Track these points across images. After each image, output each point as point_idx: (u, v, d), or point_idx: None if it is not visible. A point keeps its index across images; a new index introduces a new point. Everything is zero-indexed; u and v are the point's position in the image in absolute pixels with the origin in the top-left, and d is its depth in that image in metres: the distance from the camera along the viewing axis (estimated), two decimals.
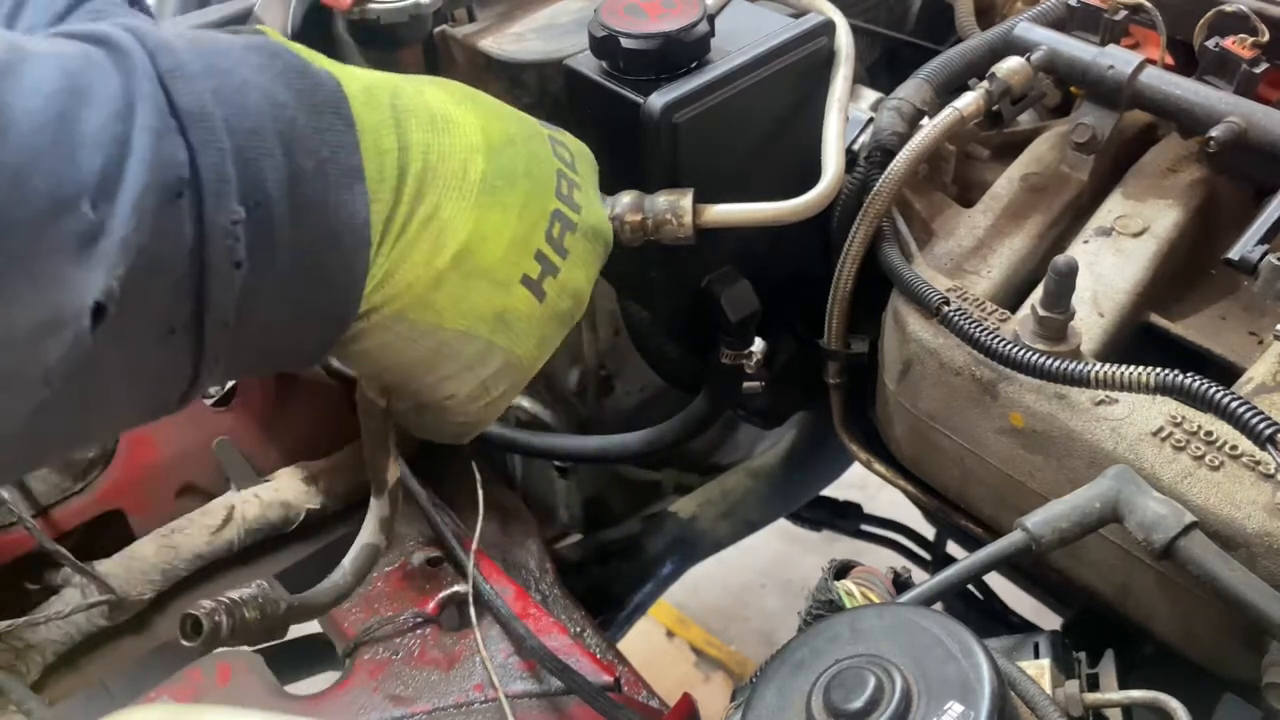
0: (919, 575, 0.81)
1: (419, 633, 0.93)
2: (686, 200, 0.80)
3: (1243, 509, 0.70)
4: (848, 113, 0.88)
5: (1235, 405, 0.66)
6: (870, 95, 1.01)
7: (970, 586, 1.30)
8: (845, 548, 1.33)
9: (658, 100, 0.77)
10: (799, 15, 0.88)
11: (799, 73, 0.86)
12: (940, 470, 0.92)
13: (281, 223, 0.46)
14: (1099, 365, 0.72)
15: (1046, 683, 0.65)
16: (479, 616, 0.92)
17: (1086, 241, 0.89)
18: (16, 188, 0.37)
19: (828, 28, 0.86)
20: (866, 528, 1.61)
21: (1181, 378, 0.69)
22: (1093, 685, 0.69)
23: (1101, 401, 0.77)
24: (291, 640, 1.17)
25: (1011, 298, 0.89)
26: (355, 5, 0.95)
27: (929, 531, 1.49)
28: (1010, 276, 0.90)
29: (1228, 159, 0.87)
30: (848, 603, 0.75)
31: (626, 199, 0.81)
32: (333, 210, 0.49)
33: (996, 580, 1.25)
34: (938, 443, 0.88)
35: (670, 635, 2.32)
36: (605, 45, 0.79)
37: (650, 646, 2.27)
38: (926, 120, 0.92)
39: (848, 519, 1.62)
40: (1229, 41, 0.90)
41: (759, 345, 0.94)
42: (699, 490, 1.45)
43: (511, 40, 1.04)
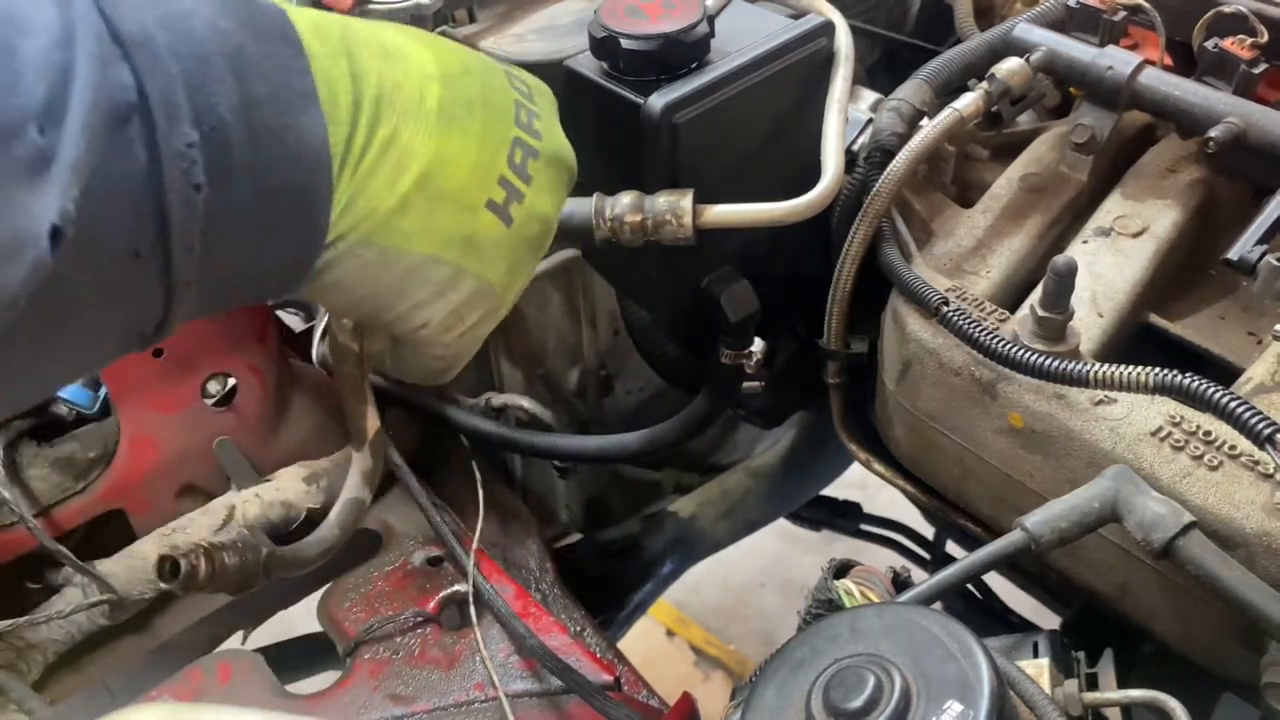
0: (918, 575, 0.81)
1: (419, 632, 0.93)
2: (686, 201, 0.80)
3: (1241, 509, 0.70)
4: (847, 113, 0.88)
5: (1234, 405, 0.66)
6: (870, 96, 1.01)
7: (969, 586, 1.30)
8: (845, 547, 1.33)
9: (658, 101, 0.78)
10: (799, 16, 0.88)
11: (799, 74, 0.86)
12: (940, 470, 0.92)
13: (240, 145, 0.47)
14: (1098, 365, 0.72)
15: (1045, 682, 0.65)
16: (479, 616, 0.92)
17: (1086, 242, 0.89)
18: None
19: (827, 29, 0.86)
20: (866, 527, 1.61)
21: (1180, 378, 0.69)
22: (1092, 685, 0.69)
23: (1100, 401, 0.77)
24: (292, 640, 1.18)
25: (1011, 298, 0.89)
26: (355, 6, 0.95)
27: (928, 531, 1.49)
28: (1009, 277, 0.90)
29: (1227, 159, 0.87)
30: (847, 602, 0.75)
31: (626, 199, 0.81)
32: (290, 133, 0.49)
33: (996, 580, 1.25)
34: (937, 442, 0.88)
35: (670, 635, 2.33)
36: (605, 46, 0.79)
37: (650, 646, 2.27)
38: (926, 121, 0.92)
39: (847, 519, 1.62)
40: (1228, 42, 0.90)
41: (759, 345, 0.94)
42: (699, 490, 1.46)
43: (511, 41, 1.04)
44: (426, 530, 1.01)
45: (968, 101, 0.89)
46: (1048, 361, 0.74)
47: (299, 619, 1.09)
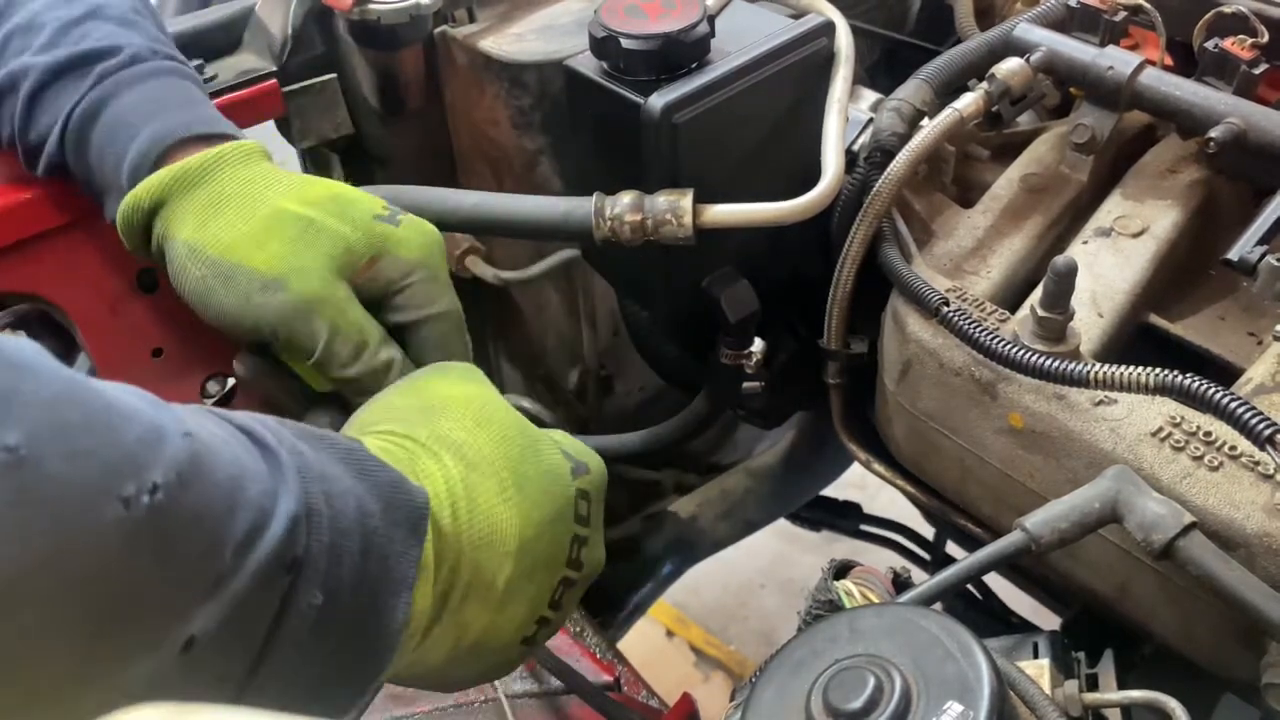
0: (919, 575, 0.81)
1: None
2: (686, 201, 0.80)
3: (1242, 509, 0.70)
4: (847, 113, 0.88)
5: (1234, 406, 0.66)
6: (870, 96, 1.01)
7: (970, 586, 1.30)
8: (845, 548, 1.33)
9: (658, 101, 0.78)
10: (799, 16, 0.88)
11: (799, 74, 0.86)
12: (940, 470, 0.92)
13: (342, 614, 0.52)
14: (1098, 366, 0.72)
15: (1046, 683, 0.65)
16: None
17: (1086, 242, 0.89)
18: (193, 527, 0.44)
19: (827, 29, 0.86)
20: (866, 528, 1.61)
21: (1181, 378, 0.69)
22: (1092, 685, 0.69)
23: (1101, 402, 0.77)
24: None
25: (1011, 298, 0.89)
26: (355, 5, 0.95)
27: (928, 531, 1.49)
28: (1010, 277, 0.90)
29: (1227, 159, 0.87)
30: (847, 603, 0.75)
31: (626, 199, 0.81)
32: (378, 613, 0.54)
33: (996, 580, 1.25)
34: (937, 443, 0.88)
35: (670, 635, 2.32)
36: (605, 46, 0.79)
37: (650, 646, 2.27)
38: (926, 121, 0.92)
39: (847, 519, 1.62)
40: (1228, 42, 0.90)
41: (759, 345, 0.94)
42: (699, 490, 1.46)
43: (511, 41, 1.04)
44: None
45: (968, 102, 0.89)
46: (1048, 362, 0.74)
47: None
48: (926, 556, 1.50)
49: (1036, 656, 0.71)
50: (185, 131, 0.74)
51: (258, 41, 1.04)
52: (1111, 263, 0.87)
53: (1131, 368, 0.71)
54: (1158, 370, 0.70)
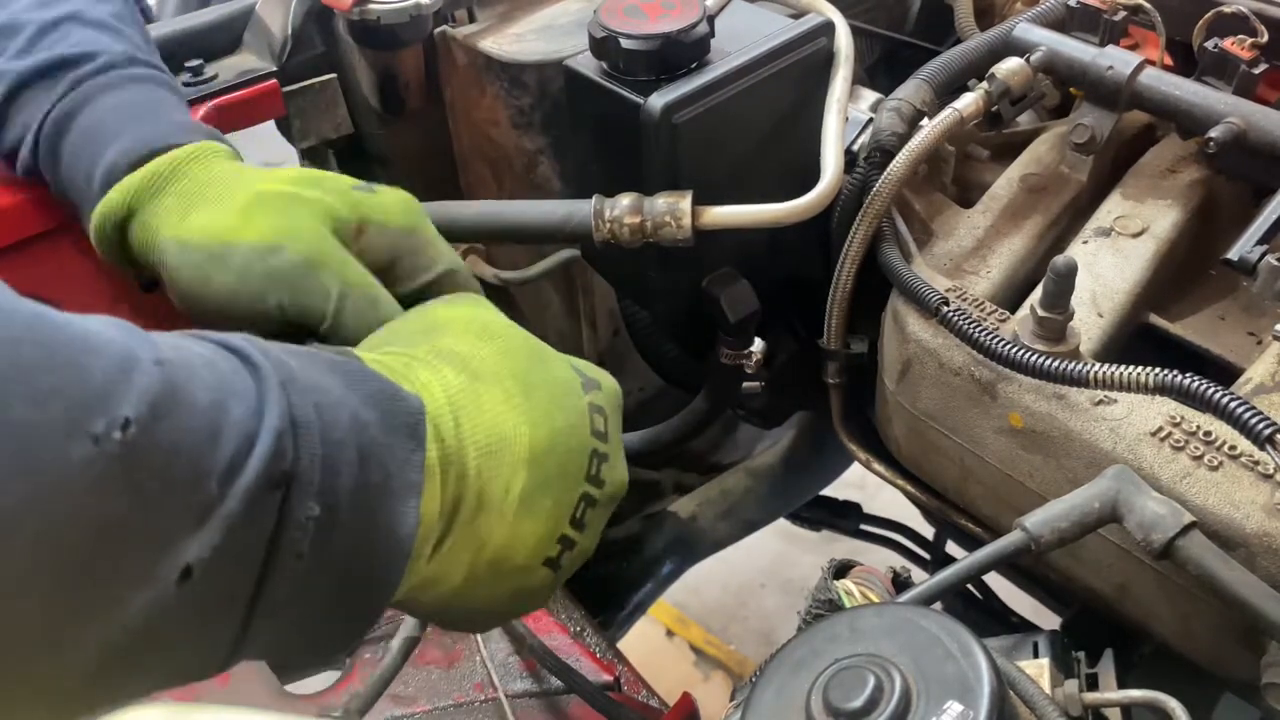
0: (919, 575, 0.81)
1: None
2: (685, 202, 0.80)
3: (1241, 509, 0.70)
4: (847, 113, 0.88)
5: (1234, 405, 0.66)
6: (870, 96, 1.01)
7: (970, 586, 1.30)
8: (845, 548, 1.33)
9: (657, 101, 0.78)
10: (799, 16, 0.88)
11: (798, 73, 0.86)
12: (939, 470, 0.92)
13: (343, 524, 0.51)
14: (1098, 365, 0.72)
15: (1046, 682, 0.65)
16: None
17: (1086, 242, 0.89)
18: (171, 458, 0.43)
19: (827, 28, 0.86)
20: (866, 527, 1.61)
21: (1180, 378, 0.69)
22: (1092, 685, 0.69)
23: (1100, 401, 0.77)
24: None
25: (1011, 298, 0.89)
26: (355, 5, 0.95)
27: (928, 531, 1.49)
28: (1010, 277, 0.90)
29: (1227, 159, 0.87)
30: (847, 602, 0.75)
31: (625, 201, 0.81)
32: (384, 519, 0.53)
33: (996, 580, 1.25)
34: (937, 442, 0.88)
35: (670, 635, 2.32)
36: (605, 46, 0.79)
37: (650, 646, 2.27)
38: (926, 121, 0.92)
39: (847, 519, 1.62)
40: (1228, 42, 0.90)
41: (759, 345, 0.94)
42: (699, 490, 1.45)
43: (511, 41, 1.04)
44: None
45: (968, 101, 0.89)
46: (1048, 362, 0.74)
47: None
48: (926, 556, 1.50)
49: (1036, 656, 0.71)
50: (158, 142, 0.73)
51: (258, 41, 1.04)
52: (1111, 263, 0.87)
53: (1131, 367, 0.71)
54: (1157, 370, 0.70)
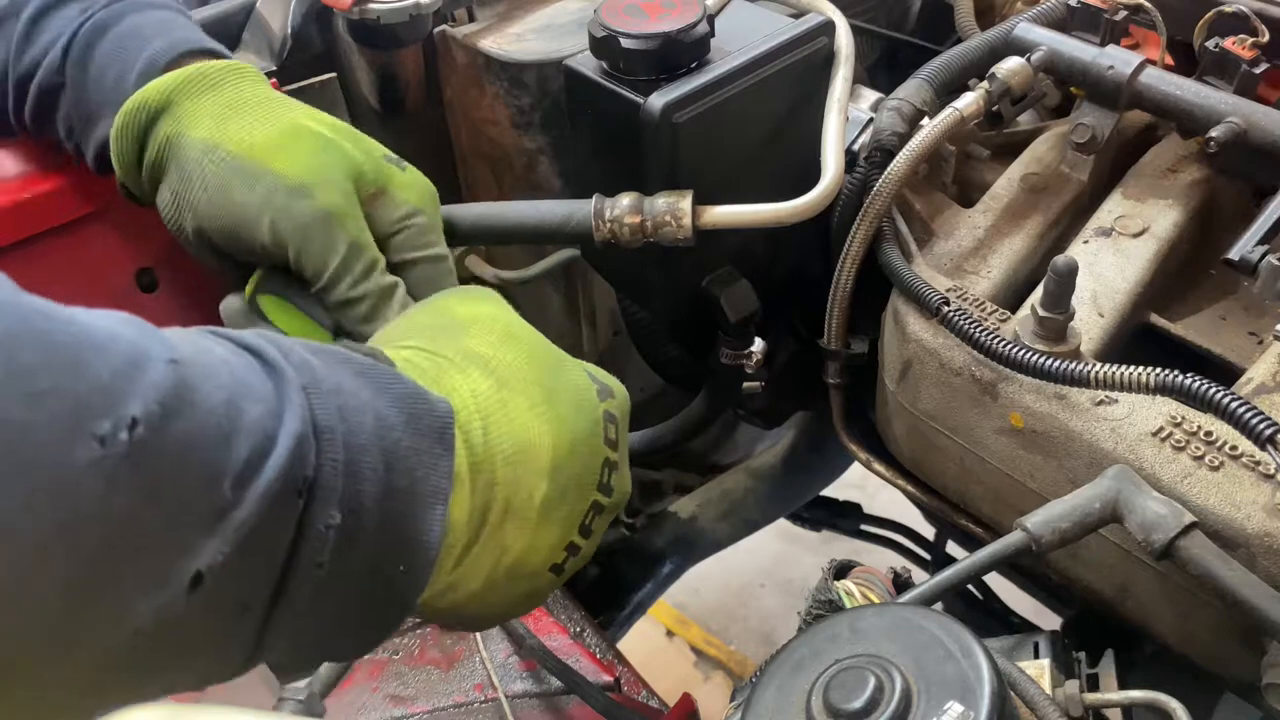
0: (919, 575, 0.81)
1: (418, 632, 0.93)
2: (685, 202, 0.80)
3: (1242, 509, 0.70)
4: (848, 113, 0.88)
5: (1235, 405, 0.66)
6: (870, 95, 1.01)
7: (970, 586, 1.30)
8: (845, 548, 1.33)
9: (658, 100, 0.77)
10: (799, 15, 0.88)
11: (799, 73, 0.86)
12: (940, 470, 0.92)
13: (367, 532, 0.50)
14: (1099, 365, 0.72)
15: (1046, 683, 0.65)
16: None
17: (1086, 242, 0.89)
18: (182, 460, 0.42)
19: (828, 28, 0.86)
20: (866, 528, 1.61)
21: (1181, 378, 0.69)
22: (1092, 685, 0.69)
23: (1101, 402, 0.77)
24: None
25: (1011, 298, 0.89)
26: (355, 5, 0.95)
27: (929, 531, 1.49)
28: (1010, 276, 0.90)
29: (1227, 159, 0.87)
30: (848, 603, 0.75)
31: (625, 201, 0.81)
32: (412, 525, 0.53)
33: (996, 580, 1.25)
34: (937, 443, 0.88)
35: (670, 635, 2.32)
36: (605, 45, 0.79)
37: (650, 646, 2.27)
38: (926, 121, 0.92)
39: (848, 519, 1.62)
40: (1229, 42, 0.90)
41: (759, 345, 0.94)
42: (699, 490, 1.45)
43: (511, 40, 1.04)
44: None
45: (968, 101, 0.89)
46: (1048, 362, 0.74)
47: None
48: (927, 556, 1.50)
49: (1037, 656, 0.71)
50: (198, 44, 0.74)
51: (257, 40, 1.04)
52: (1112, 262, 0.87)
53: (1132, 367, 0.70)
54: (1158, 370, 0.69)
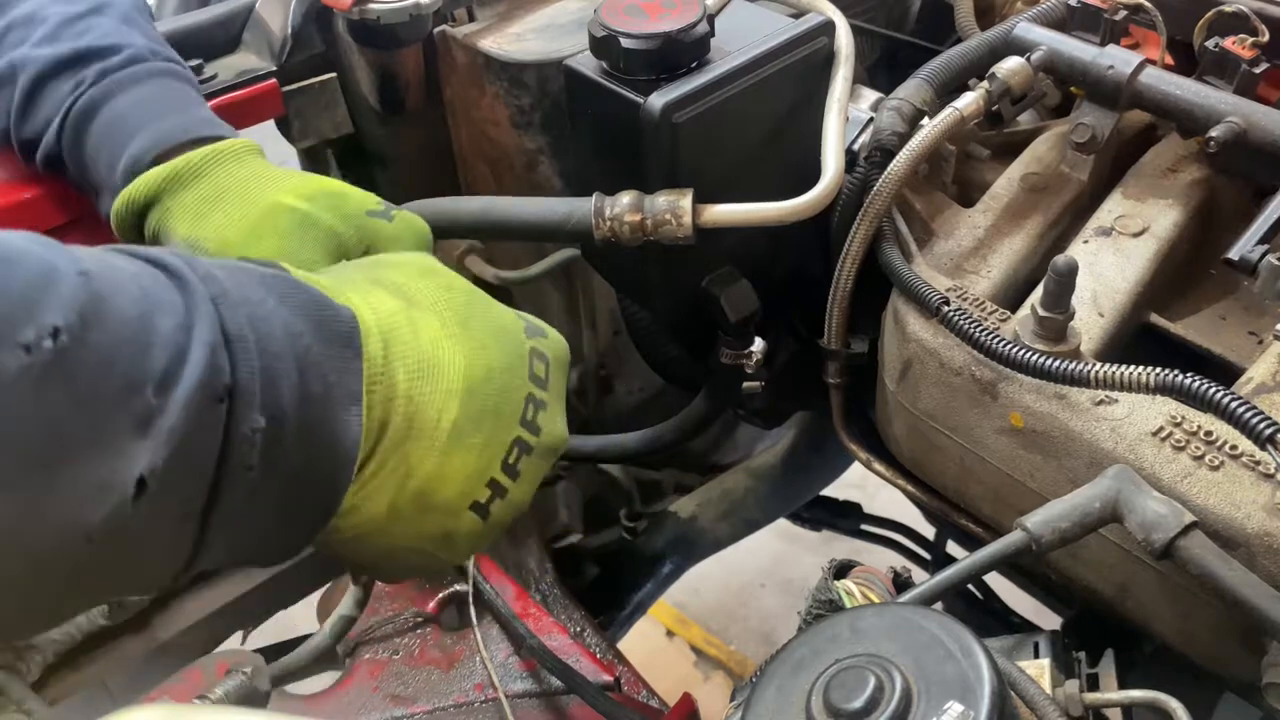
0: (919, 575, 0.81)
1: (419, 632, 0.93)
2: (686, 201, 0.80)
3: (1242, 509, 0.70)
4: (848, 113, 0.88)
5: (1235, 405, 0.66)
6: (870, 95, 1.01)
7: (970, 586, 1.30)
8: (845, 548, 1.33)
9: (658, 100, 0.77)
10: (799, 15, 0.88)
11: (799, 73, 0.86)
12: (940, 470, 0.92)
13: (290, 435, 0.52)
14: (1099, 365, 0.72)
15: (1046, 682, 0.65)
16: (479, 616, 0.92)
17: (1086, 241, 0.89)
18: (105, 366, 0.45)
19: (828, 28, 0.86)
20: (866, 527, 1.61)
21: (1181, 378, 0.69)
22: (1093, 685, 0.69)
23: (1101, 401, 0.77)
24: (292, 640, 1.18)
25: (1011, 298, 0.89)
26: (355, 5, 0.95)
27: (929, 531, 1.49)
28: (1010, 276, 0.90)
29: (1227, 159, 0.87)
30: (848, 602, 0.75)
31: (626, 199, 0.81)
32: (330, 428, 0.55)
33: (996, 580, 1.25)
34: (937, 442, 0.88)
35: (670, 635, 2.32)
36: (605, 45, 0.79)
37: (650, 646, 2.27)
38: (926, 120, 0.92)
39: (848, 519, 1.62)
40: (1229, 41, 0.90)
41: (759, 345, 0.94)
42: (699, 490, 1.46)
43: (511, 40, 1.04)
44: None
45: (968, 101, 0.89)
46: (1049, 361, 0.74)
47: (299, 619, 1.09)
48: (927, 556, 1.50)
49: (1037, 656, 0.71)
50: (182, 135, 0.75)
51: (257, 41, 1.04)
52: (1112, 262, 0.87)
53: (1132, 367, 0.70)
54: (1158, 370, 0.69)
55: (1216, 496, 0.71)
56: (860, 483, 1.61)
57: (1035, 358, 0.75)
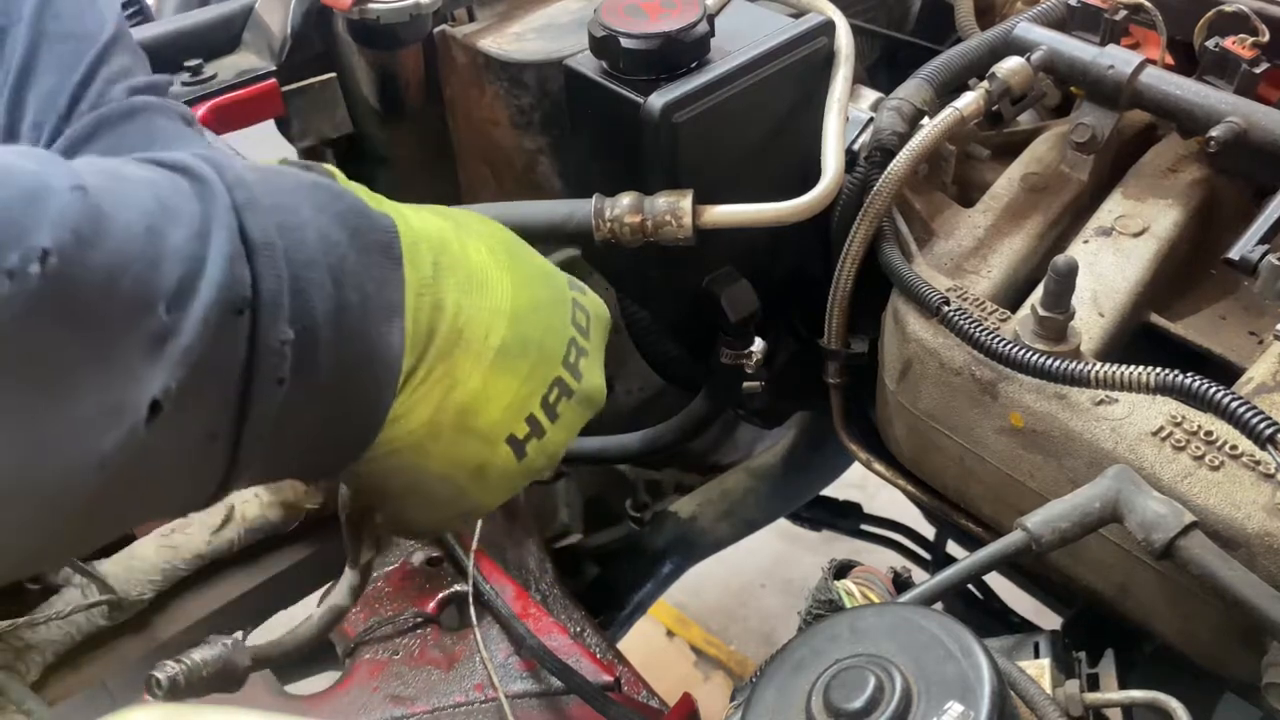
0: (919, 575, 0.81)
1: (419, 632, 0.93)
2: (686, 201, 0.80)
3: (1243, 509, 0.70)
4: (848, 113, 0.88)
5: (1235, 405, 0.66)
6: (870, 95, 1.01)
7: (970, 586, 1.30)
8: (845, 548, 1.33)
9: (658, 100, 0.77)
10: (799, 15, 0.88)
11: (799, 73, 0.86)
12: (940, 470, 0.92)
13: (325, 347, 0.50)
14: (1099, 365, 0.72)
15: (1046, 682, 0.65)
16: (479, 616, 0.92)
17: (1086, 241, 0.89)
18: (108, 286, 0.42)
19: (828, 28, 0.86)
20: (866, 528, 1.61)
21: (1181, 377, 0.69)
22: (1093, 685, 0.69)
23: (1101, 401, 0.77)
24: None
25: (1011, 298, 0.89)
26: (355, 5, 0.95)
27: (929, 531, 1.49)
28: (1010, 276, 0.90)
29: (1228, 159, 0.87)
30: (848, 602, 0.75)
31: (626, 200, 0.81)
32: (370, 340, 0.53)
33: (996, 580, 1.25)
34: (938, 442, 0.88)
35: (670, 635, 2.32)
36: (605, 45, 0.79)
37: (650, 646, 2.27)
38: (926, 120, 0.92)
39: (848, 519, 1.62)
40: (1229, 41, 0.90)
41: (759, 345, 0.94)
42: (699, 490, 1.45)
43: (511, 40, 1.04)
44: None
45: (968, 101, 0.89)
46: (1049, 361, 0.74)
47: (299, 619, 1.09)
48: (927, 556, 1.50)
49: (1037, 656, 0.70)
50: None
51: (257, 41, 1.04)
52: (1112, 262, 0.87)
53: (1132, 367, 0.70)
54: (1158, 370, 0.69)
55: (1217, 496, 0.71)
56: (860, 483, 1.61)
57: (1035, 358, 0.75)
